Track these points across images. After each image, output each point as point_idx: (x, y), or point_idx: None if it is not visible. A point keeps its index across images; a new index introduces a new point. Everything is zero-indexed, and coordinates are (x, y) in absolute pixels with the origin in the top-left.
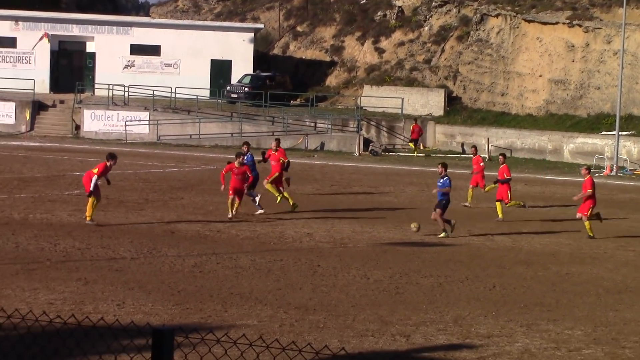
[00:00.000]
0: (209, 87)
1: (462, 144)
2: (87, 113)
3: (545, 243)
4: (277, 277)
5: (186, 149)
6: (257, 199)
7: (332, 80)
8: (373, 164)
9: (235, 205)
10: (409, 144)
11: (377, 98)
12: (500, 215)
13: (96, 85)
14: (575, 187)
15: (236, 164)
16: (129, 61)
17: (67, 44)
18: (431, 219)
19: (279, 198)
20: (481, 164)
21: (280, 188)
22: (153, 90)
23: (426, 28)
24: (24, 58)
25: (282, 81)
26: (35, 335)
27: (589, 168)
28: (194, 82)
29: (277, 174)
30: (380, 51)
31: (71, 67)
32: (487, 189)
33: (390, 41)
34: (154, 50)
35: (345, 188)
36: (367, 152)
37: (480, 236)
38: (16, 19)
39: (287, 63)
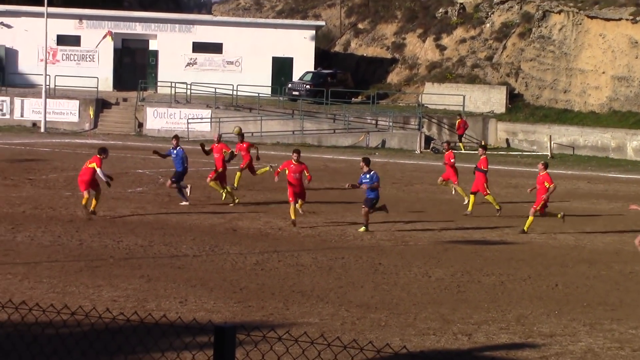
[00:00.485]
0: (270, 85)
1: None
2: (149, 111)
3: (608, 241)
4: (339, 275)
5: None
6: (187, 190)
7: (393, 78)
8: (434, 162)
9: (299, 205)
10: (459, 143)
11: (438, 95)
12: (470, 209)
13: (159, 83)
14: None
15: (293, 160)
16: (191, 59)
17: (130, 42)
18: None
19: (223, 194)
20: (452, 160)
21: (224, 184)
22: (215, 88)
23: (488, 25)
24: (87, 56)
25: (344, 79)
26: (99, 332)
27: None
28: (256, 79)
29: (220, 170)
30: (441, 48)
31: (134, 65)
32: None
33: (452, 38)
34: (216, 48)
35: (407, 186)
36: (428, 150)
37: (542, 234)
38: (80, 18)
39: (348, 60)
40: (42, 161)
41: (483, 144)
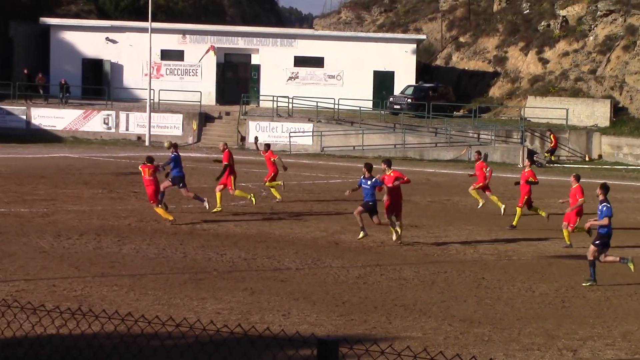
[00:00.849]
0: (371, 99)
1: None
2: (252, 124)
3: None
4: (441, 289)
5: (349, 160)
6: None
7: (495, 91)
8: (537, 176)
9: (398, 226)
10: (546, 154)
11: (541, 109)
12: (515, 222)
13: (261, 97)
14: None
15: (388, 172)
16: (292, 73)
17: (233, 56)
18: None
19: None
20: (483, 169)
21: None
22: (317, 102)
23: (591, 38)
24: (191, 71)
25: (445, 92)
26: (203, 344)
27: None
28: (357, 93)
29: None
30: (544, 61)
31: (237, 79)
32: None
33: (554, 51)
34: (318, 62)
35: (509, 200)
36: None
37: None
38: (183, 33)
39: (449, 74)
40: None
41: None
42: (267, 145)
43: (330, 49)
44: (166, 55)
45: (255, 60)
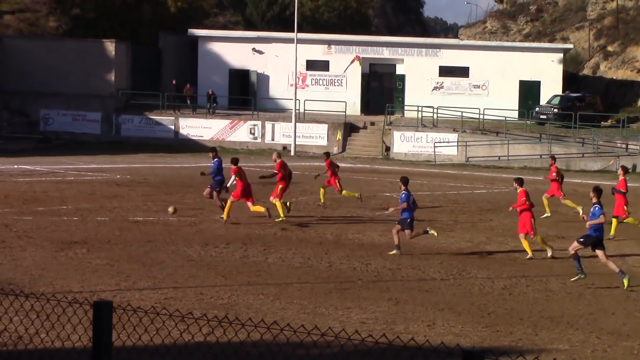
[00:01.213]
0: (517, 109)
1: None
2: (396, 134)
3: None
4: (589, 302)
5: (495, 170)
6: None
7: None
8: None
9: (545, 247)
10: None
11: None
12: (612, 232)
13: (405, 107)
14: None
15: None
16: (437, 83)
17: (378, 66)
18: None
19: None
20: (553, 174)
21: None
22: (461, 112)
23: None
24: (336, 81)
25: (592, 102)
26: (348, 354)
27: None
28: (502, 103)
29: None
30: None
31: (381, 89)
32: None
33: None
34: (463, 72)
35: None
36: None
37: None
38: (329, 43)
39: (597, 83)
40: (292, 184)
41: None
42: (327, 154)
43: (475, 59)
44: (311, 65)
45: (400, 70)
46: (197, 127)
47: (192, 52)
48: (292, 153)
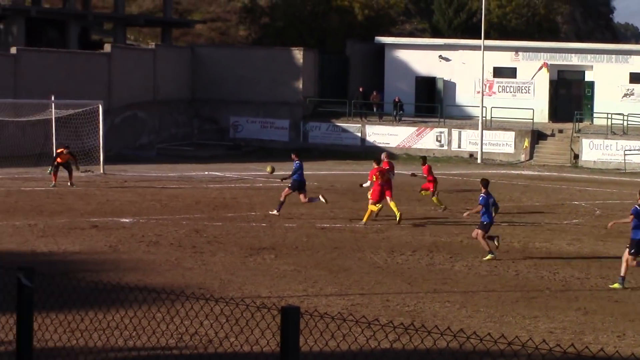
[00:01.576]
0: None
1: None
2: (585, 142)
3: None
4: None
5: None
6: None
7: None
8: None
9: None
10: None
11: None
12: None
13: (594, 114)
14: None
15: None
16: (628, 90)
17: (566, 73)
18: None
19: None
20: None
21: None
22: None
23: None
24: (523, 88)
25: None
26: None
27: None
28: None
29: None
30: None
31: (569, 96)
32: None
33: None
34: None
35: None
36: None
37: None
38: (516, 50)
39: None
40: (478, 192)
41: None
42: (424, 159)
43: None
44: (498, 72)
45: (589, 77)
46: (383, 135)
47: (379, 60)
48: (479, 160)
